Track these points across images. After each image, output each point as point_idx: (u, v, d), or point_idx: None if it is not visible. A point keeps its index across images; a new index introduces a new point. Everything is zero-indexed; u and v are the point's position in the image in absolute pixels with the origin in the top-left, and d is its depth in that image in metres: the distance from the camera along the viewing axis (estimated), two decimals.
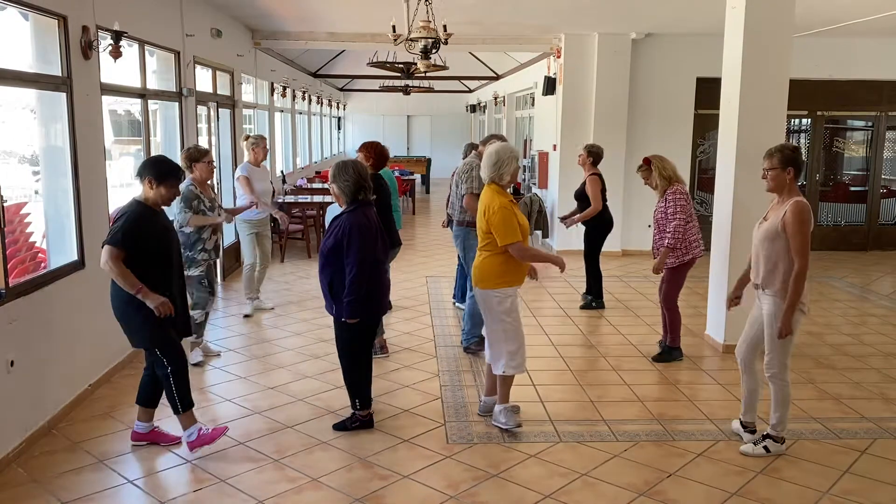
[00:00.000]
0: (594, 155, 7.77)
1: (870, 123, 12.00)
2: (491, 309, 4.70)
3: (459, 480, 4.11)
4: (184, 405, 4.35)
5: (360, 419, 4.75)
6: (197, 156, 5.90)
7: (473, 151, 6.65)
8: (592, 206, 7.66)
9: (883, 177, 12.03)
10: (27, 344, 4.49)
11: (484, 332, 4.99)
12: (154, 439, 4.51)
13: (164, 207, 4.39)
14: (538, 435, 4.72)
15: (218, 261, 6.21)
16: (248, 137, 7.80)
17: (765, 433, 4.49)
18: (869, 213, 12.07)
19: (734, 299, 4.78)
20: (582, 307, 8.02)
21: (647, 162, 6.25)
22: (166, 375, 4.29)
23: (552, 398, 5.37)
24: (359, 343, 4.69)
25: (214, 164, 6.17)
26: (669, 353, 6.24)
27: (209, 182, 6.10)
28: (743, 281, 4.71)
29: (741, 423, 4.68)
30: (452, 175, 6.98)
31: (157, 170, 4.26)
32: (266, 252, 7.82)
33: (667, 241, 6.00)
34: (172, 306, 4.19)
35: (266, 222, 7.72)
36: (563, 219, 8.06)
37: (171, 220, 4.76)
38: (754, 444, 4.48)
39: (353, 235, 4.40)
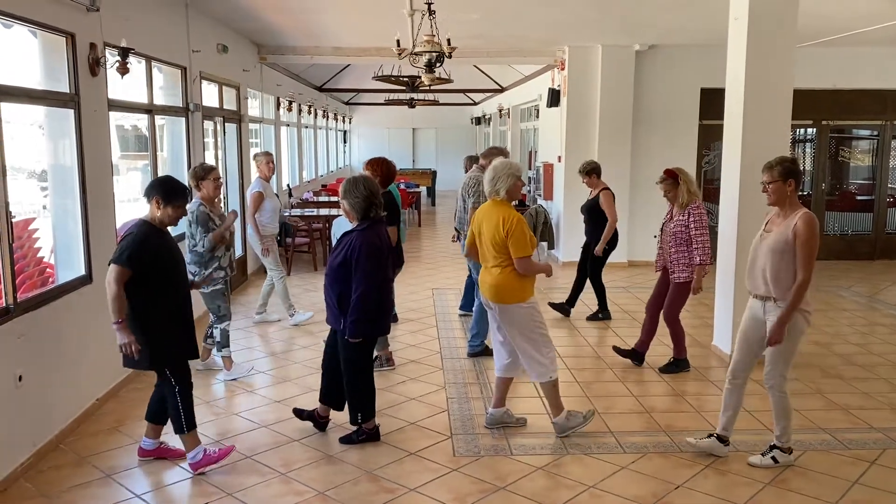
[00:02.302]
0: (595, 171, 7.76)
1: (875, 132, 11.99)
2: (522, 322, 4.71)
3: (466, 493, 4.10)
4: (190, 425, 4.35)
5: (366, 432, 4.75)
6: (202, 173, 5.90)
7: (475, 165, 6.65)
8: (611, 221, 7.61)
9: (889, 185, 12.01)
10: (35, 359, 4.51)
11: (494, 345, 5.00)
12: (161, 455, 4.52)
13: (169, 228, 4.41)
14: (545, 447, 4.72)
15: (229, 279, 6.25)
16: (256, 156, 7.88)
17: (771, 444, 4.46)
18: (876, 222, 12.03)
19: None
20: (588, 318, 8.03)
21: (672, 175, 6.00)
22: (173, 394, 4.30)
23: None
24: (363, 358, 4.70)
25: (221, 180, 6.20)
26: (677, 364, 6.22)
27: (217, 200, 6.12)
28: None
29: (718, 437, 4.58)
30: (459, 190, 7.02)
31: (165, 189, 4.28)
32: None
33: (698, 259, 5.90)
34: (138, 348, 4.12)
35: (275, 236, 7.80)
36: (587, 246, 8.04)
37: (178, 240, 4.79)
38: (762, 455, 4.45)
39: (364, 254, 4.41)
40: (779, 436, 4.43)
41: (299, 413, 5.03)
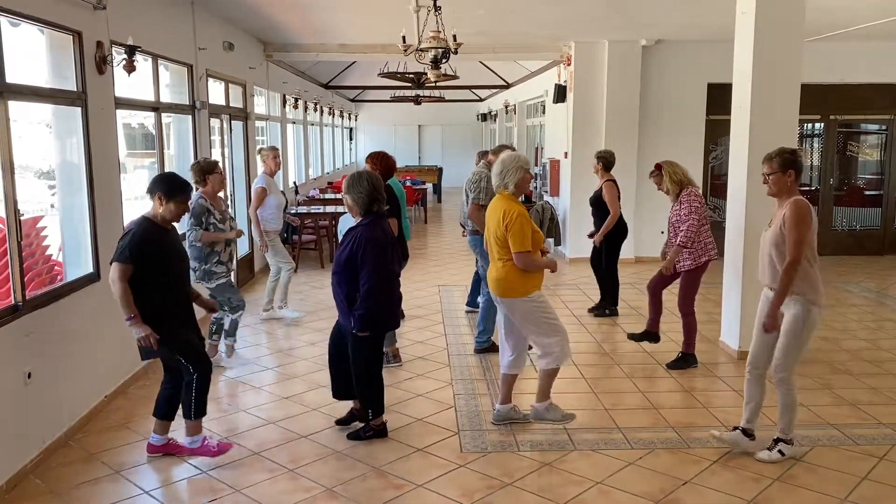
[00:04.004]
0: (604, 161, 7.77)
1: (884, 127, 11.92)
2: (529, 314, 4.72)
3: (474, 489, 4.11)
4: (197, 412, 4.40)
5: (373, 429, 4.75)
6: (209, 168, 5.93)
7: (482, 161, 6.64)
8: (612, 214, 7.63)
9: None
10: (44, 356, 4.53)
11: (500, 341, 5.00)
12: (170, 451, 4.54)
13: (174, 224, 4.42)
14: (553, 443, 4.71)
15: (233, 273, 6.25)
16: (261, 150, 7.88)
17: (776, 438, 4.46)
18: (884, 218, 11.96)
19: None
20: (591, 310, 7.99)
21: (658, 167, 6.32)
22: (190, 382, 4.35)
23: (566, 406, 5.32)
24: (373, 354, 4.70)
25: (223, 174, 6.21)
26: (685, 360, 6.21)
27: (220, 194, 6.13)
28: None
29: (743, 430, 4.57)
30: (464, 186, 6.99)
31: (167, 186, 4.28)
32: (288, 259, 7.92)
33: (679, 239, 6.02)
34: (156, 338, 4.16)
35: (278, 232, 7.80)
36: (590, 235, 8.06)
37: (181, 235, 4.80)
38: (769, 450, 4.45)
39: (369, 249, 4.41)
40: (783, 429, 4.43)
41: (345, 421, 4.95)
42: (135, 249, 4.10)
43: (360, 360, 4.68)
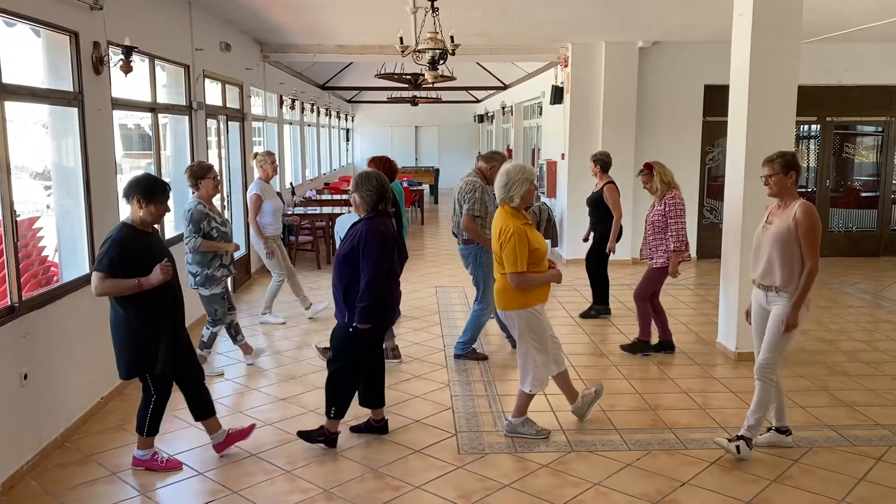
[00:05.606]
0: (601, 163, 7.77)
1: (880, 129, 11.95)
2: (518, 328, 4.71)
3: (471, 491, 4.10)
4: (150, 431, 4.35)
5: (326, 434, 4.64)
6: (201, 172, 5.77)
7: (472, 169, 6.60)
8: (616, 216, 7.63)
9: (894, 182, 11.95)
10: (40, 357, 4.52)
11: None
12: (234, 441, 4.60)
13: (157, 227, 4.36)
14: (550, 445, 4.71)
15: (231, 278, 6.21)
16: (256, 155, 7.83)
17: (739, 434, 4.49)
18: (880, 219, 11.99)
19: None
20: (582, 315, 7.99)
21: (648, 167, 6.49)
22: (148, 401, 4.31)
23: (564, 407, 5.34)
24: (361, 352, 4.64)
25: (218, 178, 6.09)
26: (642, 347, 6.51)
27: (214, 199, 6.05)
28: None
29: (776, 429, 4.64)
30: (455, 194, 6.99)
31: (145, 188, 4.14)
32: (288, 264, 7.91)
33: (672, 245, 6.26)
34: (168, 265, 4.11)
35: (279, 236, 7.79)
36: (585, 238, 8.08)
37: (174, 239, 4.73)
38: (728, 440, 4.51)
39: (370, 241, 4.40)
40: (751, 426, 4.48)
41: (358, 428, 4.90)
42: (114, 259, 3.98)
43: (344, 355, 4.61)
